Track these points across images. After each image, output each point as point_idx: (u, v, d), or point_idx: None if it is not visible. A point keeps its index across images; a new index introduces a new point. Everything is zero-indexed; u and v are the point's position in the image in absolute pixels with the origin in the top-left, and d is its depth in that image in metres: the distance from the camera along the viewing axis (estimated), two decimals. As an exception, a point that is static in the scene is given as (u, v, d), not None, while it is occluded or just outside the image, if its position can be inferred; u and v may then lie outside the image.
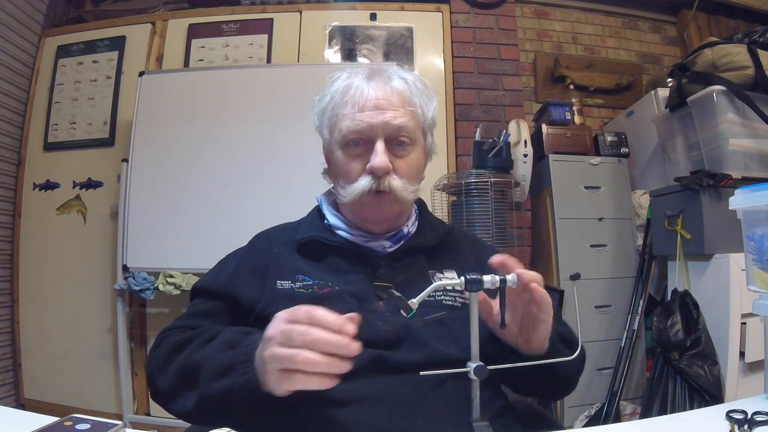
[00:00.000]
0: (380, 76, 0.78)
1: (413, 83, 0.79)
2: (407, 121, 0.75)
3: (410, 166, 0.77)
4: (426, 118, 0.80)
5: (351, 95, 0.76)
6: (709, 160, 1.81)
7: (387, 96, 0.75)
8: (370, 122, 0.74)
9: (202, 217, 2.00)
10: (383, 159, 0.73)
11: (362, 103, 0.74)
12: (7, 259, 2.29)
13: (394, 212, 0.79)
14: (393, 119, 0.74)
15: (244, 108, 2.07)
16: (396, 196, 0.75)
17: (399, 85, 0.77)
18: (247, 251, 0.84)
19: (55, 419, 0.55)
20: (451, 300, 0.75)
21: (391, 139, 0.75)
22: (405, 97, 0.77)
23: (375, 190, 0.74)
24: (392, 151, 0.76)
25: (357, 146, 0.76)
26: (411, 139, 0.77)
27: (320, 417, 0.63)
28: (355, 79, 0.78)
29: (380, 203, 0.76)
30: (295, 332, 0.53)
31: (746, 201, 0.73)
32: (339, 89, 0.78)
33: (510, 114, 2.25)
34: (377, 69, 0.80)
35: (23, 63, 2.38)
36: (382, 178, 0.74)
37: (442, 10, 2.38)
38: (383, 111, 0.74)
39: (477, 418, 0.60)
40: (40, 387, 2.22)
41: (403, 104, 0.76)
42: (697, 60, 1.86)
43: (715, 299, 1.64)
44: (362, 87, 0.76)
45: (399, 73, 0.80)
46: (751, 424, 0.57)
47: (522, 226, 2.07)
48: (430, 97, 0.81)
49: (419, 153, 0.80)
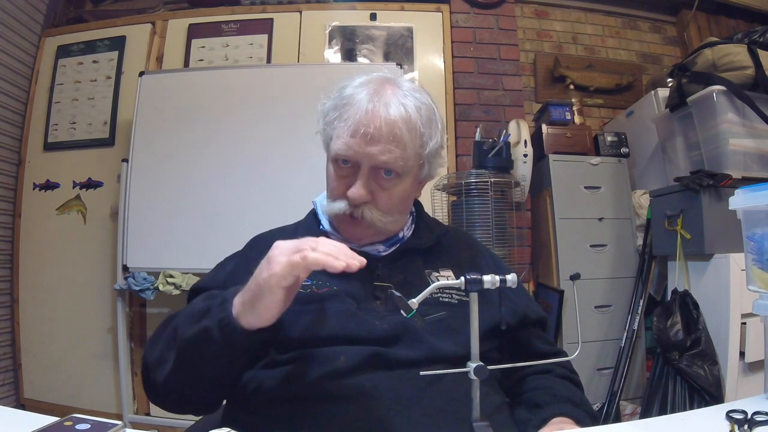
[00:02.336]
0: (383, 99, 0.73)
1: (416, 111, 0.74)
2: (396, 158, 0.72)
3: (392, 198, 0.75)
4: (425, 149, 0.76)
5: (348, 114, 0.73)
6: (709, 160, 1.81)
7: (380, 127, 0.71)
8: (357, 150, 0.71)
9: (202, 217, 2.00)
10: (359, 192, 0.72)
11: (354, 126, 0.71)
12: (7, 259, 2.29)
13: (370, 234, 0.78)
14: (380, 154, 0.71)
15: (244, 108, 2.07)
16: (372, 225, 0.75)
17: (398, 116, 0.72)
18: (244, 253, 0.85)
19: (55, 419, 0.55)
20: (447, 297, 0.75)
21: (377, 169, 0.73)
22: (398, 131, 0.71)
23: (348, 214, 0.75)
24: (377, 180, 0.74)
25: (345, 166, 0.75)
26: (399, 173, 0.74)
27: (318, 413, 0.63)
28: (359, 93, 0.74)
29: (354, 227, 0.77)
30: (304, 243, 0.59)
31: (746, 201, 0.72)
32: (341, 100, 0.75)
33: (510, 114, 2.25)
34: (383, 88, 0.75)
35: (23, 63, 2.38)
36: (357, 207, 0.74)
37: (442, 10, 2.38)
38: (372, 143, 0.71)
39: (477, 417, 0.60)
40: (40, 387, 2.22)
41: (394, 138, 0.71)
42: (697, 60, 1.86)
43: (715, 299, 1.64)
44: (361, 107, 0.72)
45: (404, 99, 0.74)
46: (751, 424, 0.57)
47: (522, 226, 2.07)
48: (435, 126, 0.77)
49: (407, 184, 0.77)
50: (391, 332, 0.69)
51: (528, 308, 0.83)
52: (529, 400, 0.74)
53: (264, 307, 0.59)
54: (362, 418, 0.62)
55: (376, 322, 0.70)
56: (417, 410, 0.63)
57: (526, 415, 0.71)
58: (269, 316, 0.60)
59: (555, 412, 0.68)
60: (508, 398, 0.78)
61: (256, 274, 0.61)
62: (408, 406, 0.63)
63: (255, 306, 0.60)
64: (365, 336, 0.68)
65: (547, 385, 0.75)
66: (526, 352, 0.80)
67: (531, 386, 0.76)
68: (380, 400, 0.63)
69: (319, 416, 0.63)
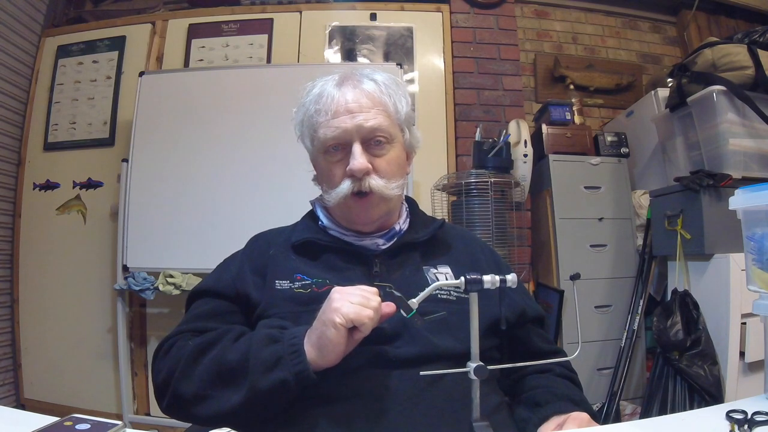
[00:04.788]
0: (350, 81, 0.79)
1: (383, 82, 0.80)
2: (381, 121, 0.77)
3: (390, 164, 0.78)
4: (400, 114, 0.81)
5: (323, 103, 0.77)
6: (709, 160, 1.81)
7: (357, 99, 0.76)
8: (344, 127, 0.75)
9: (202, 217, 2.00)
10: (361, 161, 0.75)
11: (334, 109, 0.76)
12: (7, 259, 2.29)
13: (382, 212, 0.80)
14: (365, 121, 0.75)
15: (244, 108, 2.07)
16: (380, 196, 0.76)
17: (368, 87, 0.78)
18: (246, 253, 0.85)
19: (55, 419, 0.55)
20: (446, 294, 0.75)
21: (367, 141, 0.76)
22: (375, 98, 0.78)
23: (356, 191, 0.76)
24: (370, 151, 0.77)
25: (336, 151, 0.77)
26: (388, 138, 0.78)
27: (319, 413, 0.64)
28: (326, 86, 0.79)
29: (365, 206, 0.77)
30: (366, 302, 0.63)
31: (746, 201, 0.73)
32: (312, 99, 0.80)
33: (510, 114, 2.25)
34: (347, 74, 0.81)
35: (23, 63, 2.38)
36: (362, 180, 0.75)
37: (442, 10, 2.38)
38: (355, 114, 0.75)
39: (477, 417, 0.60)
40: (40, 387, 2.22)
41: (374, 105, 0.77)
42: (697, 60, 1.86)
43: (715, 299, 1.64)
44: (333, 94, 0.77)
45: (368, 75, 0.81)
46: (751, 424, 0.57)
47: (522, 226, 2.07)
48: (402, 93, 0.82)
49: (398, 150, 0.81)
50: (391, 330, 0.69)
51: (526, 305, 0.83)
52: (528, 398, 0.74)
53: (329, 353, 0.62)
54: (363, 417, 0.62)
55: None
56: (417, 410, 0.64)
57: (526, 413, 0.71)
58: (333, 360, 0.62)
59: (555, 410, 0.68)
60: (507, 397, 0.78)
61: (321, 318, 0.63)
62: (408, 406, 0.64)
63: (322, 352, 0.62)
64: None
65: (546, 384, 0.75)
66: (526, 350, 0.80)
67: (531, 385, 0.77)
68: (381, 399, 0.64)
69: (319, 416, 0.63)
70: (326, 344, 0.61)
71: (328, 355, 0.61)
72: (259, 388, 0.62)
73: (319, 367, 0.62)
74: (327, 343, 0.61)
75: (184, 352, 0.69)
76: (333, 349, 0.61)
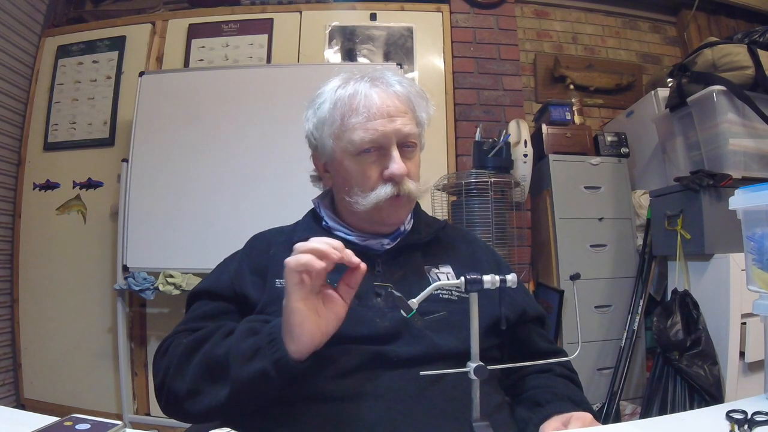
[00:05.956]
0: (382, 82, 0.78)
1: (411, 87, 0.81)
2: (414, 127, 0.78)
3: (417, 168, 0.80)
4: (423, 120, 0.82)
5: (359, 102, 0.75)
6: (709, 160, 1.81)
7: (393, 102, 0.76)
8: (383, 130, 0.74)
9: (202, 217, 2.00)
10: (402, 166, 0.75)
11: (372, 111, 0.74)
12: (7, 259, 2.29)
13: (407, 213, 0.82)
14: (403, 126, 0.75)
15: (244, 108, 2.07)
16: (410, 198, 0.78)
17: (401, 91, 0.78)
18: (245, 252, 0.84)
19: (55, 419, 0.55)
20: (447, 294, 0.75)
21: (400, 144, 0.76)
22: (408, 103, 0.78)
23: (396, 195, 0.76)
24: (402, 155, 0.77)
25: (369, 153, 0.75)
26: (417, 142, 0.79)
27: (319, 413, 0.64)
28: (358, 85, 0.77)
29: (398, 207, 0.78)
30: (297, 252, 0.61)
31: (746, 201, 0.73)
32: (344, 97, 0.77)
33: (510, 114, 2.25)
34: (377, 75, 0.80)
35: (23, 63, 2.38)
36: (401, 184, 0.75)
37: (442, 10, 2.38)
38: (394, 118, 0.75)
39: (477, 417, 0.60)
40: (40, 387, 2.22)
41: (408, 110, 0.78)
42: (697, 60, 1.86)
43: (715, 299, 1.64)
44: (369, 94, 0.75)
45: (397, 78, 0.80)
46: (751, 424, 0.57)
47: (522, 226, 2.07)
48: (427, 100, 0.83)
49: (419, 153, 0.82)
50: (392, 329, 0.69)
51: (526, 304, 0.83)
52: (529, 398, 0.74)
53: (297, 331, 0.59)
54: (363, 417, 0.62)
55: (377, 319, 0.70)
56: (418, 410, 0.63)
57: (527, 413, 0.71)
58: (307, 339, 0.59)
59: (555, 410, 0.68)
60: (508, 396, 0.78)
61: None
62: (409, 406, 0.64)
63: (292, 333, 0.60)
64: (366, 334, 0.68)
65: (547, 384, 0.75)
66: (526, 350, 0.80)
67: (531, 385, 0.77)
68: (381, 399, 0.64)
69: (319, 416, 0.63)
70: (288, 318, 0.59)
71: (296, 329, 0.59)
72: (240, 380, 0.61)
73: (301, 352, 0.60)
74: (289, 317, 0.59)
75: (177, 351, 0.69)
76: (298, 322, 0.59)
